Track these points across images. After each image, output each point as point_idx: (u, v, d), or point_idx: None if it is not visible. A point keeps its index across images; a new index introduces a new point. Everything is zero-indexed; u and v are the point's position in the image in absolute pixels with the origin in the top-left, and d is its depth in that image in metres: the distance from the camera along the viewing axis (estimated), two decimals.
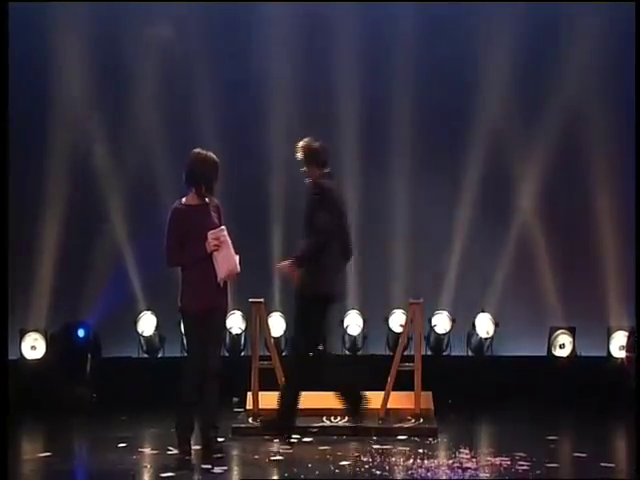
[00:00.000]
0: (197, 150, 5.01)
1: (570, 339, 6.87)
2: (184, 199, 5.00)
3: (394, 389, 5.65)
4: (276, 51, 7.02)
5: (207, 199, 4.97)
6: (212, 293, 4.91)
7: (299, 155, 5.20)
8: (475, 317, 6.92)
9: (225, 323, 5.01)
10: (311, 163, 5.17)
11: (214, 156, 4.98)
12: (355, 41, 6.97)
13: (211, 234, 4.90)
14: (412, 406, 5.63)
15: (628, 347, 6.70)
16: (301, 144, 5.20)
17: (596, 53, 6.86)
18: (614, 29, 6.80)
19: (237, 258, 4.97)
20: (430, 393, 5.76)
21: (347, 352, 7.01)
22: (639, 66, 6.51)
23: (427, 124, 7.01)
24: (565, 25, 6.91)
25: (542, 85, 7.00)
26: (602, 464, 4.68)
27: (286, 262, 5.22)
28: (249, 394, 5.76)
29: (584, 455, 4.89)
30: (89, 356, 6.83)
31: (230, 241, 4.93)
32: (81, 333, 6.90)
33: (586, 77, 6.92)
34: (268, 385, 5.70)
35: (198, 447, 4.96)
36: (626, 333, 6.78)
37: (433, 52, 7.00)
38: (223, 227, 4.95)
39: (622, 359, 6.76)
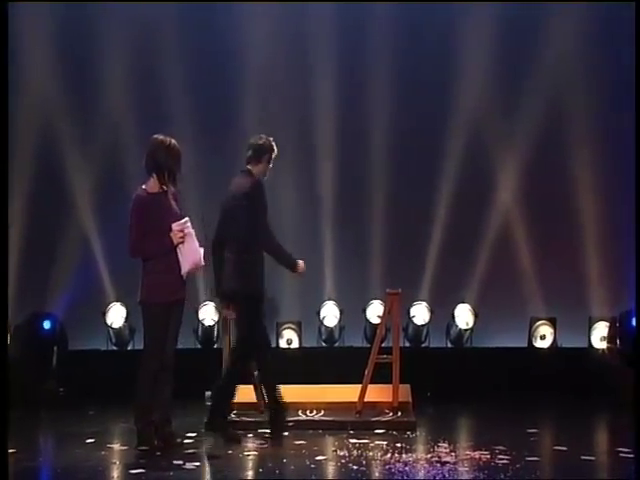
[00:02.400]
0: (160, 137, 4.97)
1: (551, 330, 6.92)
2: (145, 186, 4.98)
3: (372, 382, 5.66)
4: (253, 49, 7.02)
5: (165, 186, 4.95)
6: (176, 285, 4.91)
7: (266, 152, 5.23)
8: (455, 308, 6.95)
9: (183, 315, 5.02)
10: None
11: (177, 144, 4.97)
12: (333, 40, 6.99)
13: (176, 226, 4.89)
14: (390, 399, 5.64)
15: (609, 338, 6.78)
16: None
17: (574, 50, 6.97)
18: (593, 25, 6.91)
19: (202, 251, 4.96)
20: (408, 386, 5.78)
21: (324, 344, 7.03)
22: (639, 65, 6.60)
23: (406, 119, 7.05)
24: (542, 23, 6.98)
25: (521, 77, 7.06)
26: (582, 457, 4.73)
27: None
28: None
29: (564, 448, 4.94)
30: (55, 349, 6.78)
31: (194, 233, 4.93)
32: (47, 325, 6.84)
33: (566, 70, 7.01)
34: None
35: (156, 443, 4.94)
36: (607, 324, 6.86)
37: (413, 48, 7.05)
38: (187, 218, 4.95)
39: (603, 350, 6.84)
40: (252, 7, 7.04)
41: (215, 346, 6.86)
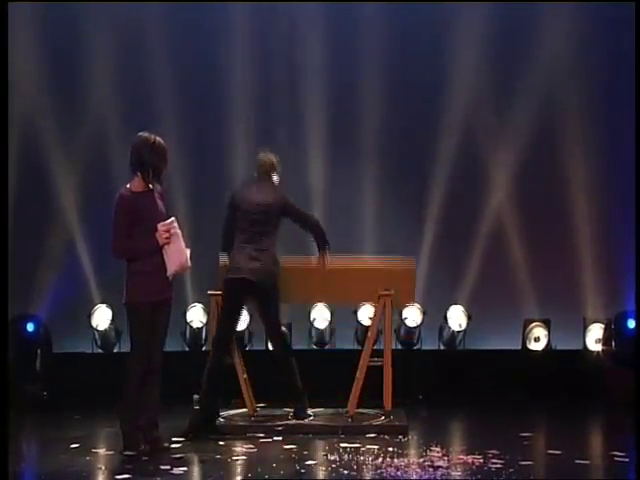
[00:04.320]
0: (145, 135, 4.93)
1: (545, 332, 6.94)
2: (129, 185, 4.93)
3: (363, 385, 5.64)
4: (241, 43, 7.03)
5: (151, 185, 4.91)
6: (162, 286, 4.88)
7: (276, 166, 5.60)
8: (447, 310, 6.95)
9: (170, 316, 5.01)
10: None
11: (162, 141, 4.93)
12: (323, 40, 7.00)
13: (161, 226, 4.84)
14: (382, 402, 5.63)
15: (604, 340, 6.79)
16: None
17: (567, 50, 6.99)
18: (586, 25, 6.95)
19: (188, 252, 4.93)
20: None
21: (314, 346, 7.02)
22: (639, 65, 6.63)
23: (397, 119, 7.05)
24: (535, 23, 7.01)
25: (514, 76, 7.09)
26: (577, 461, 4.74)
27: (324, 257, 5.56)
28: None
29: (559, 452, 4.94)
30: (39, 352, 6.73)
31: (180, 233, 4.89)
32: (30, 327, 6.80)
33: (559, 70, 7.05)
34: (230, 382, 5.67)
35: (143, 447, 4.91)
36: (602, 325, 6.87)
37: (405, 48, 7.07)
38: (173, 218, 4.90)
39: (598, 352, 6.85)
40: (240, 7, 7.04)
41: (203, 348, 6.83)
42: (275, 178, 5.64)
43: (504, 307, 7.04)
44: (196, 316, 6.87)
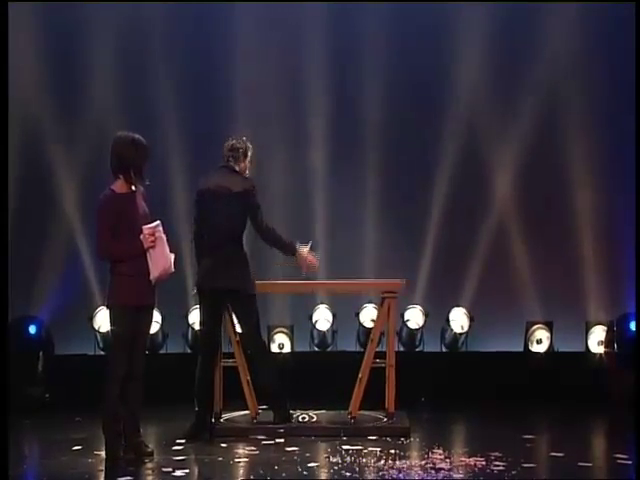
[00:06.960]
0: (124, 134, 4.89)
1: (547, 334, 6.96)
2: (113, 187, 4.90)
3: (365, 387, 5.66)
4: (243, 42, 7.05)
5: (134, 186, 4.89)
6: (147, 288, 4.86)
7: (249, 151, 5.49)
8: (449, 312, 6.98)
9: (151, 323, 5.04)
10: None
11: (142, 139, 4.89)
12: (325, 38, 7.03)
13: (146, 229, 4.81)
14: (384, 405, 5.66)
15: (606, 342, 6.82)
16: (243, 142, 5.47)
17: (570, 49, 7.03)
18: (589, 24, 6.99)
19: (172, 257, 4.90)
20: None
21: (316, 348, 7.04)
22: (639, 65, 6.66)
23: (399, 119, 7.08)
24: (538, 22, 7.04)
25: (517, 75, 7.11)
26: (580, 464, 4.76)
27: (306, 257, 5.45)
28: None
29: (561, 455, 4.97)
30: (41, 354, 6.76)
31: (165, 237, 4.87)
32: (32, 329, 6.83)
33: (561, 69, 7.09)
34: (232, 384, 5.70)
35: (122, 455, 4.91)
36: (604, 328, 6.90)
37: (405, 45, 7.11)
38: (159, 222, 4.88)
39: (600, 354, 6.88)
40: (242, 7, 7.06)
41: None
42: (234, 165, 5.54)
43: (506, 309, 7.06)
44: (197, 318, 6.87)
